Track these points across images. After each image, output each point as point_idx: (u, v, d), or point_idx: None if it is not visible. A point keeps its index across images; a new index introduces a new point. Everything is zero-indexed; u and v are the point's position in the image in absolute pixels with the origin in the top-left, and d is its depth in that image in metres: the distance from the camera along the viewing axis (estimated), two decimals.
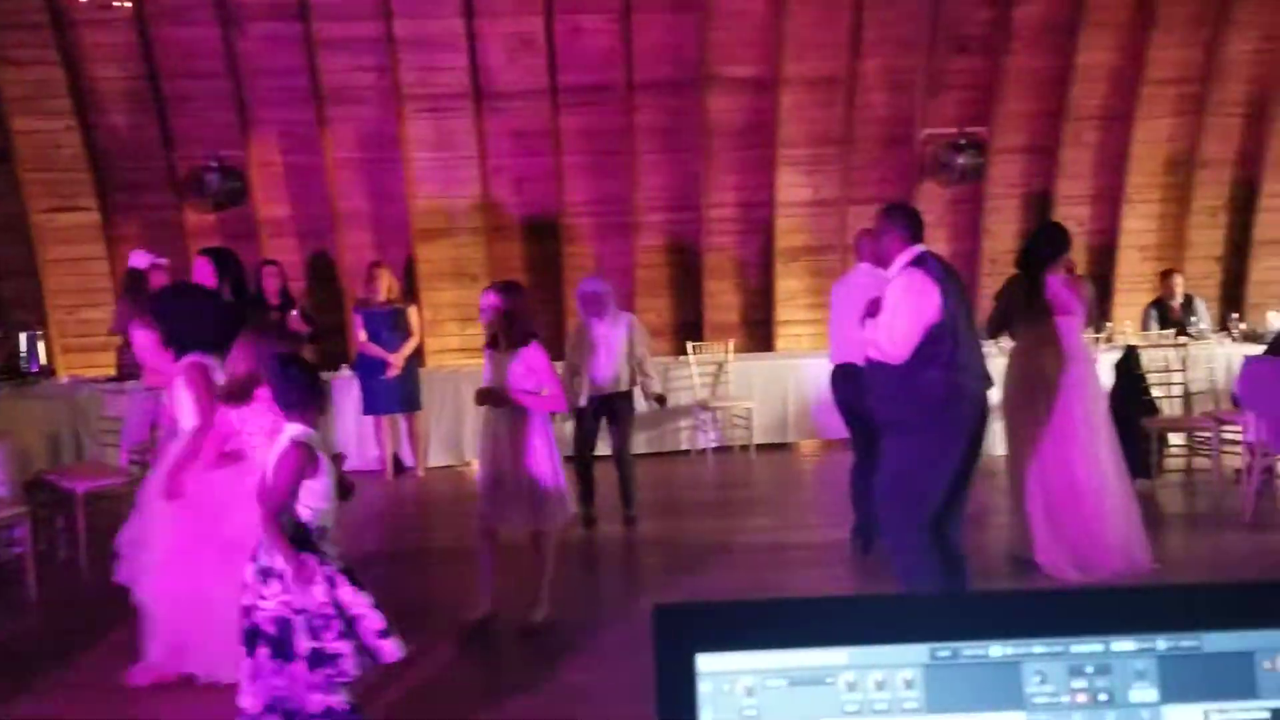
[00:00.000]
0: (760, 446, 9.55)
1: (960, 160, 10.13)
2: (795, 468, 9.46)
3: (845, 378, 6.19)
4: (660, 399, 7.48)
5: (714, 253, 10.40)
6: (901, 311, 4.65)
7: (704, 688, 0.93)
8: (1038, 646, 0.94)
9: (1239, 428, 7.37)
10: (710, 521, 7.54)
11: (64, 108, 9.34)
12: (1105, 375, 8.37)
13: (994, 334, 6.34)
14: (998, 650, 0.94)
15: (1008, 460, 6.07)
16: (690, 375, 9.61)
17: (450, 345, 10.22)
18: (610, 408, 7.10)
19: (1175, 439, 8.12)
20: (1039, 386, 5.80)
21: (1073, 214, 10.57)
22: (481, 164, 9.91)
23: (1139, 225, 10.70)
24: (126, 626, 4.73)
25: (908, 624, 0.94)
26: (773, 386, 9.77)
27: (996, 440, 7.18)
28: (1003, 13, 9.87)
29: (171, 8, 9.13)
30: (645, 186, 10.16)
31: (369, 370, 8.80)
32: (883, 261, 4.93)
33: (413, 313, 8.98)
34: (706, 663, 0.93)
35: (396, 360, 8.70)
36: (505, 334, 5.13)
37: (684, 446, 9.66)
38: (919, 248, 4.75)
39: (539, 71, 9.68)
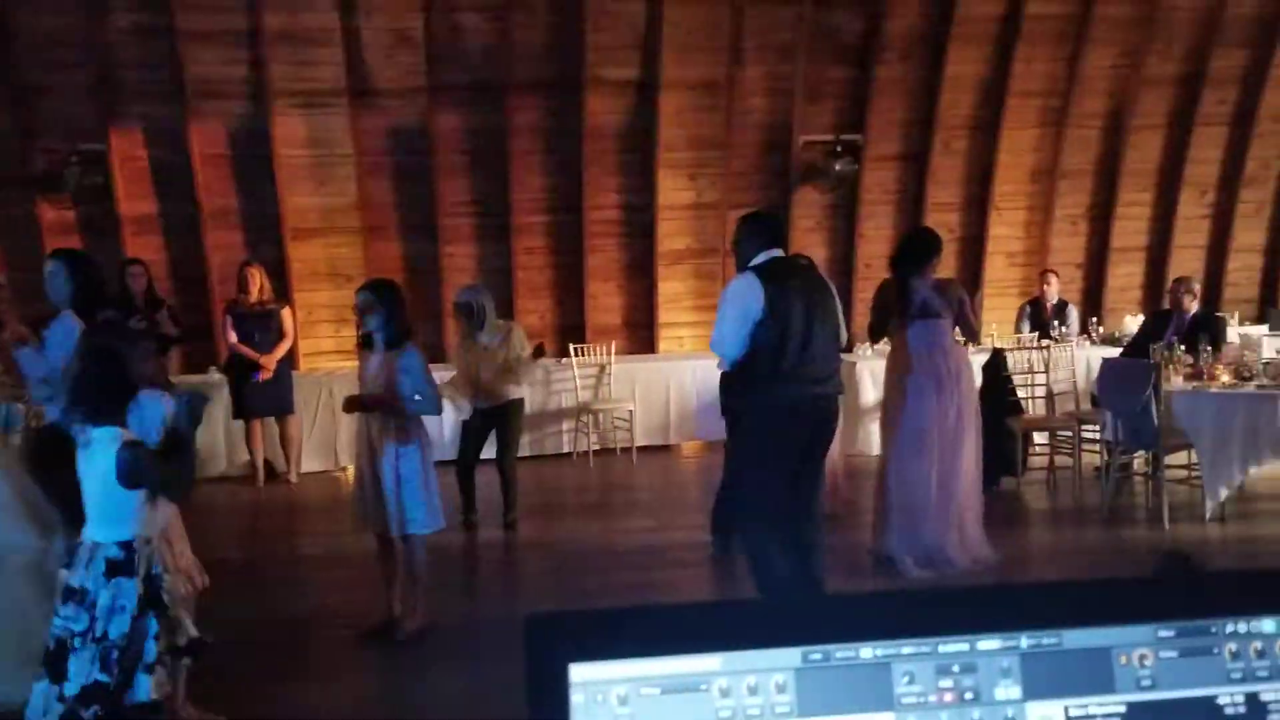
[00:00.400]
0: (641, 449, 9.58)
1: (837, 166, 10.34)
2: (676, 469, 9.52)
3: None
4: (539, 351, 7.43)
5: (596, 255, 10.40)
6: (724, 312, 4.77)
7: (576, 698, 0.91)
8: (907, 647, 0.95)
9: (1097, 427, 7.71)
10: (591, 524, 7.55)
11: None
12: (974, 376, 8.66)
13: (873, 339, 6.51)
14: (868, 652, 0.95)
15: (883, 460, 6.22)
16: (572, 378, 9.58)
17: (324, 347, 10.00)
18: (497, 417, 7.06)
19: (1039, 438, 8.43)
20: (909, 389, 5.97)
21: (944, 220, 10.89)
22: (357, 162, 9.72)
23: (1006, 232, 11.07)
24: None
25: (780, 628, 0.94)
26: (654, 389, 9.82)
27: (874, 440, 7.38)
28: (876, 24, 10.11)
29: None
30: (526, 187, 10.10)
31: (240, 373, 8.56)
32: (740, 268, 4.99)
33: (285, 314, 8.77)
34: (579, 672, 0.91)
35: (268, 362, 8.48)
36: (380, 335, 5.03)
37: (565, 449, 9.63)
38: (768, 254, 4.83)
39: (416, 69, 9.54)
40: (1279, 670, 0.99)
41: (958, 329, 6.22)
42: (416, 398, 4.95)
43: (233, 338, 8.57)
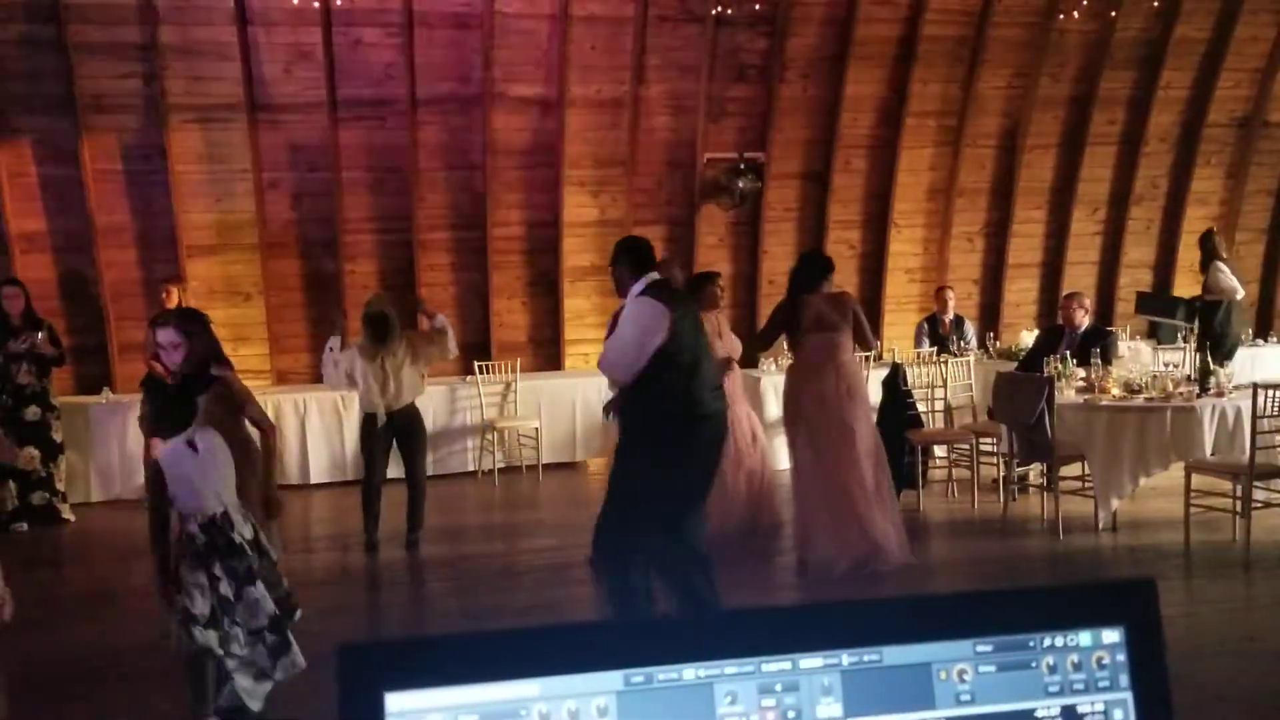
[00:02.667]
0: (547, 466, 9.54)
1: (740, 184, 10.45)
2: (582, 487, 9.48)
3: None
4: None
5: (500, 272, 10.35)
6: (629, 335, 4.79)
7: None
8: (729, 667, 0.95)
9: (994, 440, 7.89)
10: (495, 543, 7.49)
11: None
12: (874, 391, 8.80)
13: (761, 348, 6.76)
14: (690, 673, 0.95)
15: (791, 470, 6.38)
16: (477, 395, 9.51)
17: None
18: (402, 423, 7.00)
19: (939, 451, 8.59)
20: (807, 399, 6.13)
21: (844, 237, 11.09)
22: (256, 178, 9.54)
23: (905, 249, 11.29)
24: None
25: (601, 651, 0.93)
26: (560, 406, 9.78)
27: (781, 454, 7.50)
28: (777, 43, 10.25)
29: None
30: (428, 203, 10.02)
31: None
32: (620, 292, 5.04)
33: None
34: (395, 701, 0.90)
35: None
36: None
37: (470, 467, 9.55)
38: (648, 276, 4.89)
39: (317, 84, 9.41)
40: (1095, 683, 1.01)
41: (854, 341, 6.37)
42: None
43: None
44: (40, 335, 7.85)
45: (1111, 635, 1.01)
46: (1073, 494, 7.31)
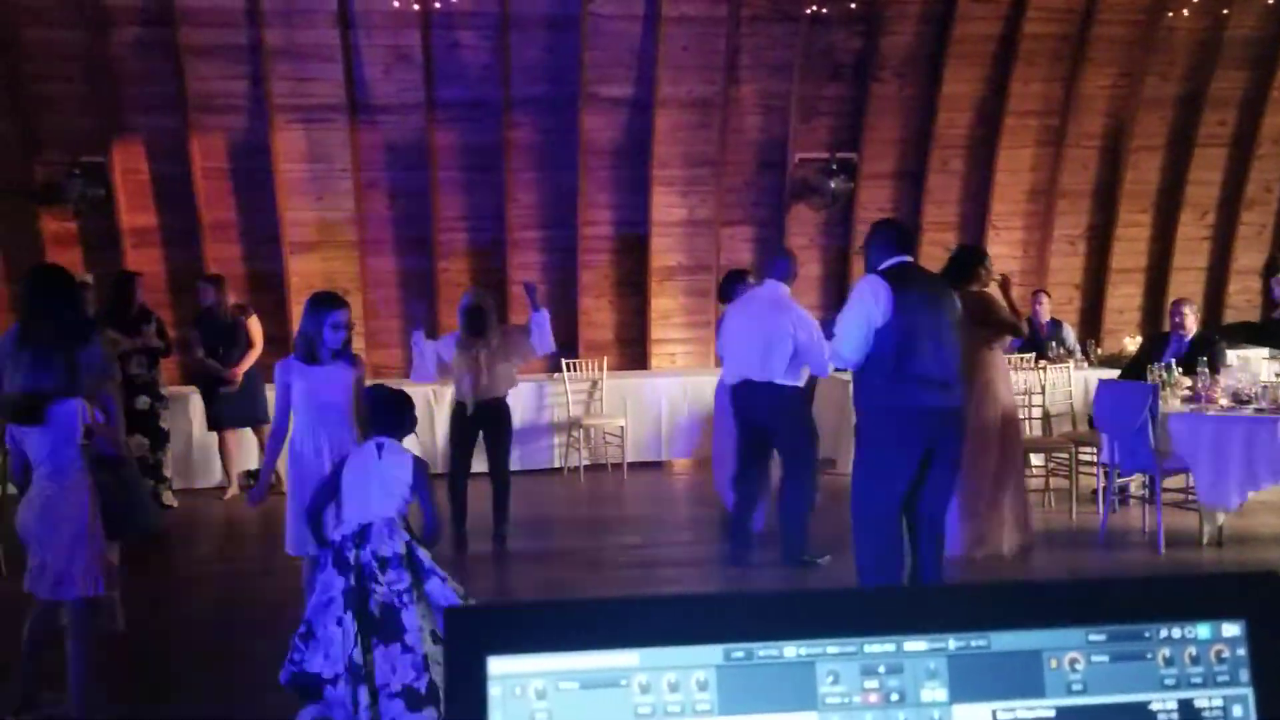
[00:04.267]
0: (632, 465, 9.56)
1: (831, 184, 10.35)
2: (667, 486, 9.49)
3: (746, 393, 6.36)
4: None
5: (589, 270, 10.41)
6: (845, 314, 4.89)
7: (494, 691, 0.90)
8: (831, 647, 0.94)
9: (1094, 449, 7.67)
10: (582, 539, 7.53)
11: None
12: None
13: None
14: (792, 650, 0.94)
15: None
16: (563, 393, 9.57)
17: None
18: (489, 415, 7.04)
19: (1035, 459, 8.39)
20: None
21: (939, 239, 10.89)
22: (355, 177, 9.74)
23: (1003, 251, 11.05)
24: None
25: (702, 625, 0.93)
26: (646, 405, 9.80)
27: None
28: (872, 42, 10.13)
29: (35, 8, 8.78)
30: (520, 203, 10.12)
31: (208, 385, 8.58)
32: (869, 272, 5.10)
33: (252, 324, 8.68)
34: (498, 665, 0.90)
35: (234, 374, 8.46)
36: None
37: (555, 464, 9.61)
38: (898, 259, 4.91)
39: (415, 85, 9.57)
40: (1213, 677, 0.98)
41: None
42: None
43: (199, 352, 8.57)
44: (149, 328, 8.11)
45: (1232, 629, 0.97)
46: (1176, 506, 7.09)
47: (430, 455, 9.23)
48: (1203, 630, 0.98)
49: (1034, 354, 9.50)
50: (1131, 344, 10.01)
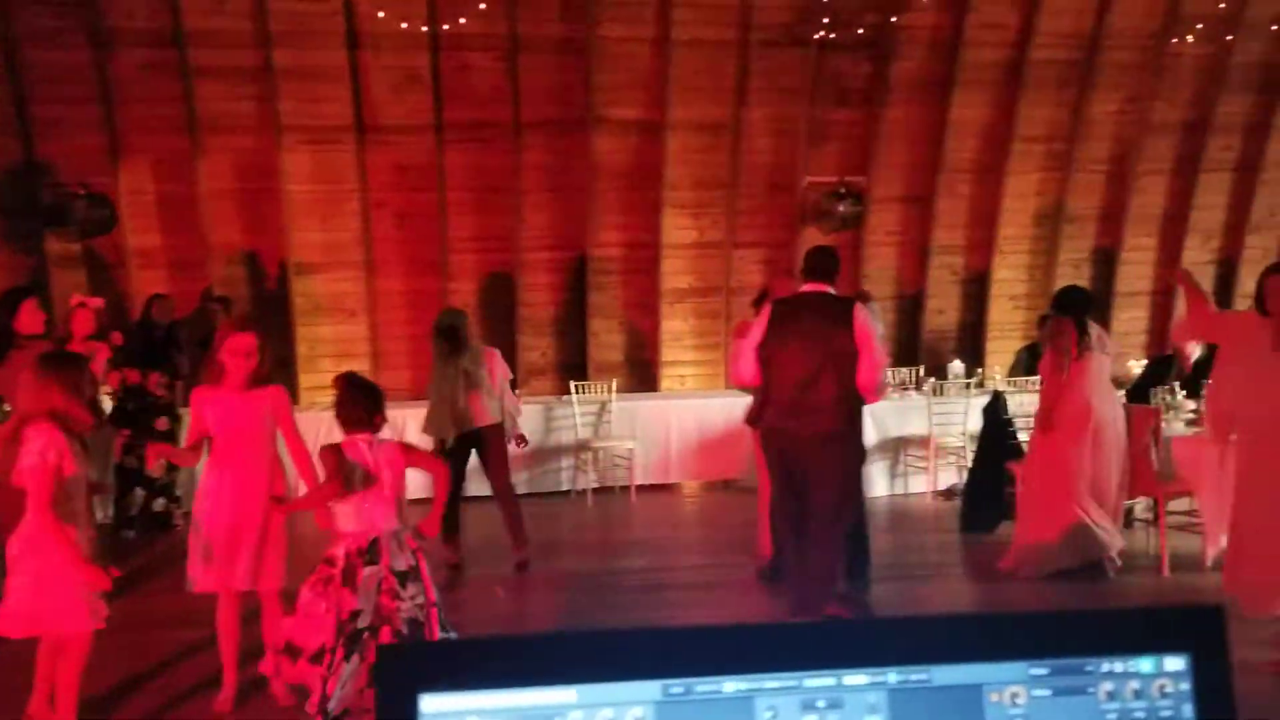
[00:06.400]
0: (642, 487, 9.54)
1: (840, 208, 10.36)
2: (676, 508, 9.47)
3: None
4: (521, 439, 7.36)
5: (599, 292, 10.43)
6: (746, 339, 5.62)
7: None
8: (771, 681, 0.94)
9: None
10: (589, 561, 7.49)
11: None
12: (974, 419, 8.62)
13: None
14: (731, 685, 0.93)
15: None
16: (572, 415, 9.57)
17: (325, 382, 9.99)
18: (474, 442, 6.98)
19: None
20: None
21: (948, 262, 10.92)
22: (363, 198, 9.79)
23: (1010, 275, 11.06)
24: None
25: (641, 660, 0.92)
26: (656, 427, 9.78)
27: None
28: (881, 67, 10.16)
29: (42, 30, 8.86)
30: (530, 225, 10.15)
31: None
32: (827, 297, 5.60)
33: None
34: (430, 703, 0.90)
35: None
36: None
37: (564, 487, 9.59)
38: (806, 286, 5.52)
39: (424, 107, 9.62)
40: (1156, 712, 0.97)
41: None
42: None
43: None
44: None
45: (1175, 663, 0.97)
46: (1180, 529, 7.04)
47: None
48: (1145, 664, 0.97)
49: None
50: (1137, 367, 9.97)
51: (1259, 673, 4.99)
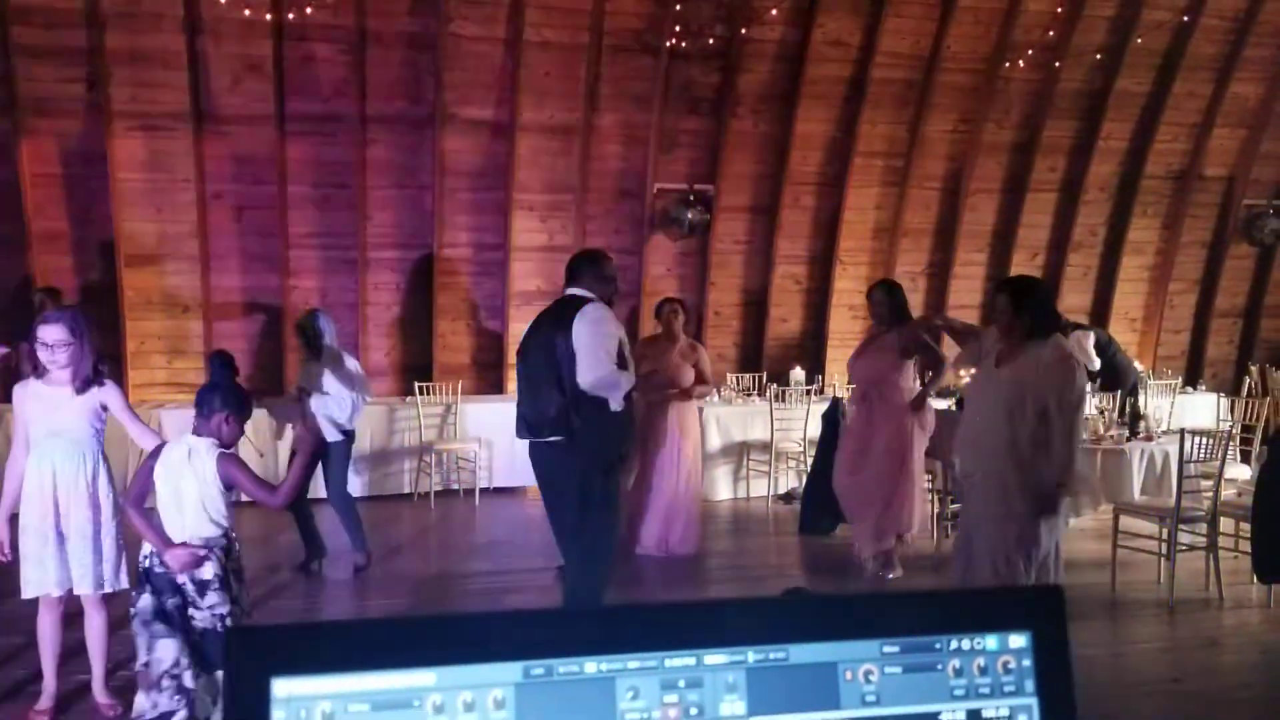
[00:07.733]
0: (486, 490, 9.44)
1: (689, 215, 10.51)
2: (521, 512, 9.39)
3: None
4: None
5: (446, 293, 10.29)
6: None
7: (278, 715, 0.86)
8: (632, 662, 0.94)
9: (930, 475, 7.93)
10: (430, 565, 7.39)
11: None
12: (813, 424, 8.84)
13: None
14: (593, 666, 0.93)
15: None
16: (415, 416, 9.41)
17: (157, 379, 9.61)
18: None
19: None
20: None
21: (791, 272, 11.18)
22: (199, 188, 9.42)
23: (849, 286, 11.39)
24: None
25: (501, 642, 0.91)
26: (501, 430, 9.65)
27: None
28: (730, 78, 10.35)
29: None
30: (376, 221, 9.95)
31: None
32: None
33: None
34: (283, 687, 0.87)
35: None
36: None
37: (406, 490, 9.43)
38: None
39: (265, 97, 9.33)
40: (1000, 687, 1.01)
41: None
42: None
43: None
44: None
45: (1018, 640, 1.01)
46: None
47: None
48: (991, 641, 1.01)
49: None
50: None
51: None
